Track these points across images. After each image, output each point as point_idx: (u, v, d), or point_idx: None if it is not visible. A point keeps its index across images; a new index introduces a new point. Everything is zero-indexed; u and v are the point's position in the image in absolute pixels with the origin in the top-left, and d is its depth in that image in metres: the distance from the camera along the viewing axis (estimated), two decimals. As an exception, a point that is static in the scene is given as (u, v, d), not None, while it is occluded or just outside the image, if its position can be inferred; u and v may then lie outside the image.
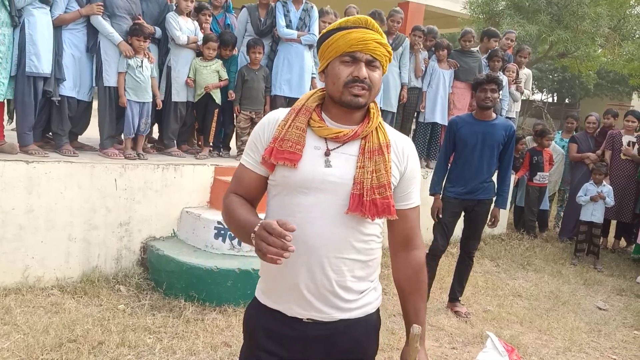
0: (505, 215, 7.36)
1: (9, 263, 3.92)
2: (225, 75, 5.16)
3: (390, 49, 1.56)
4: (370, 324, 1.65)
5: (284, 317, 1.57)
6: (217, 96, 5.17)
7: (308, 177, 1.50)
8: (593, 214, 6.39)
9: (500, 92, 6.48)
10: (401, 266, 1.68)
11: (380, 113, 1.63)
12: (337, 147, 1.53)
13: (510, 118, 6.93)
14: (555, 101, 31.65)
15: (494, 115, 4.29)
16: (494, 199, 4.35)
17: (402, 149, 1.61)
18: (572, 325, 4.47)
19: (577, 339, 4.22)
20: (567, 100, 30.07)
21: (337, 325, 1.56)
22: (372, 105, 1.59)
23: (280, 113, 1.61)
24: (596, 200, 6.32)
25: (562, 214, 7.86)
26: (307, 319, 1.56)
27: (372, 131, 1.56)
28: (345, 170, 1.52)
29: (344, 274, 1.54)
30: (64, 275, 4.13)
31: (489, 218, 4.40)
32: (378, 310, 1.70)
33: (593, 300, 5.21)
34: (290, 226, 1.32)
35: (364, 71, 1.48)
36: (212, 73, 5.07)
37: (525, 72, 7.29)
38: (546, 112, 17.59)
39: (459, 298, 4.52)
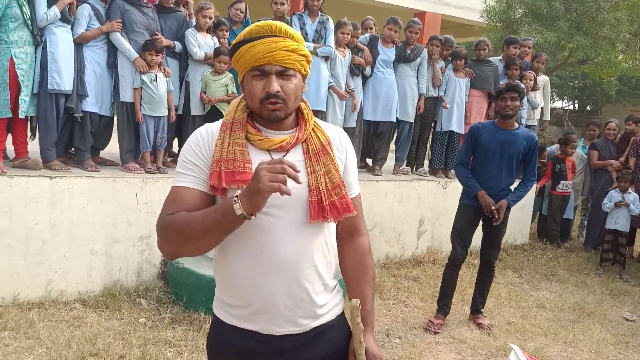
0: (527, 225, 7.26)
1: (33, 277, 3.98)
2: (233, 90, 5.17)
3: (305, 51, 1.47)
4: (342, 324, 1.64)
5: (258, 335, 1.51)
6: (224, 110, 5.21)
7: None
8: (617, 222, 6.26)
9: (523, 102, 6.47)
10: (348, 254, 1.67)
11: (311, 112, 1.59)
12: (283, 156, 1.47)
13: (529, 126, 6.87)
14: (576, 108, 31.25)
15: (516, 124, 4.25)
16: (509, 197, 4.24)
17: (340, 142, 1.60)
18: (599, 337, 4.36)
19: (604, 351, 4.12)
20: (588, 108, 29.69)
21: (311, 333, 1.54)
22: (302, 105, 1.55)
23: (210, 129, 1.52)
24: (620, 206, 6.20)
25: (585, 222, 7.71)
26: (283, 334, 1.52)
27: (310, 132, 1.53)
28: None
29: (316, 280, 1.52)
30: (86, 289, 4.18)
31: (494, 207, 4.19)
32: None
33: (620, 311, 5.08)
34: (298, 169, 1.27)
35: (274, 86, 1.41)
36: (221, 87, 5.08)
37: (543, 79, 7.22)
38: (567, 120, 17.37)
39: (481, 310, 4.45)
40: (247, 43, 1.43)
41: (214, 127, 1.52)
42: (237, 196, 1.30)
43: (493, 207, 4.08)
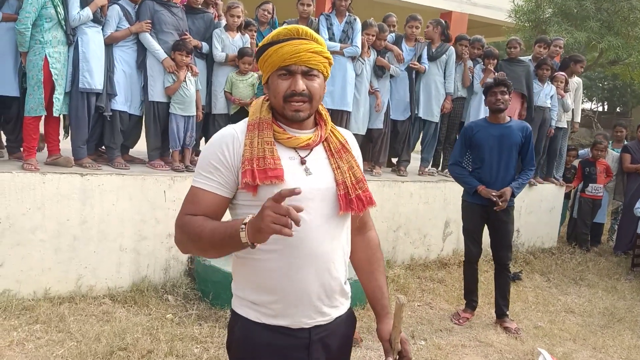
0: (555, 228, 7.13)
1: (63, 273, 4.07)
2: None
3: (328, 54, 1.54)
4: (352, 317, 1.73)
5: (289, 330, 1.56)
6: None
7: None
8: (649, 226, 6.12)
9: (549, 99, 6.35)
10: (360, 248, 1.76)
11: (328, 113, 1.68)
12: (308, 154, 1.57)
13: (560, 128, 6.75)
14: (606, 110, 30.60)
15: (507, 118, 4.30)
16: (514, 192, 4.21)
17: (352, 142, 1.70)
18: (630, 344, 4.26)
19: (636, 358, 4.02)
20: (618, 109, 29.04)
21: (333, 324, 1.62)
22: (320, 107, 1.63)
23: (234, 131, 1.56)
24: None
25: (615, 227, 7.54)
26: (312, 325, 1.58)
27: (329, 132, 1.63)
28: (325, 174, 1.57)
29: (343, 270, 1.63)
30: (114, 285, 4.25)
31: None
32: None
33: (652, 318, 4.96)
34: (297, 190, 1.28)
35: (300, 84, 1.49)
36: (248, 87, 5.11)
37: (576, 81, 7.07)
38: (596, 122, 17.01)
39: (507, 313, 4.39)
40: (275, 45, 1.50)
41: (238, 128, 1.57)
42: (245, 224, 1.34)
43: (494, 194, 4.09)
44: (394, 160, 6.43)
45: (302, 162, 1.55)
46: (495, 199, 4.10)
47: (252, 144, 1.50)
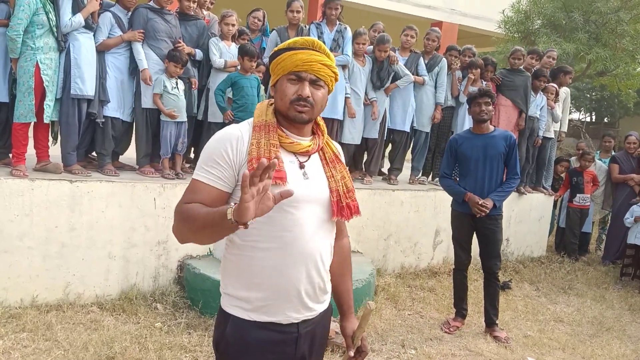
0: (544, 238, 7.18)
1: (51, 280, 4.02)
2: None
3: (336, 70, 1.68)
4: (331, 311, 1.84)
5: (279, 326, 1.65)
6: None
7: (297, 192, 1.52)
8: (637, 236, 6.17)
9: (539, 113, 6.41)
10: (336, 252, 1.83)
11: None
12: (306, 160, 1.68)
13: (549, 138, 6.81)
14: (593, 120, 30.95)
15: (491, 127, 4.34)
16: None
17: (342, 155, 1.83)
18: (618, 353, 4.29)
19: (624, 368, 4.05)
20: (605, 120, 29.38)
21: (317, 318, 1.74)
22: (318, 118, 1.75)
23: (239, 131, 1.63)
24: (639, 220, 6.12)
25: (603, 236, 7.61)
26: (301, 320, 1.68)
27: (325, 142, 1.75)
28: (320, 181, 1.69)
29: (326, 269, 1.73)
30: (103, 293, 4.21)
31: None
32: None
33: (639, 327, 4.99)
34: (292, 192, 1.37)
35: (307, 90, 1.60)
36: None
37: (564, 91, 7.15)
38: (584, 132, 17.20)
39: (496, 322, 4.40)
40: (291, 51, 1.62)
41: (243, 128, 1.65)
42: (236, 203, 1.37)
43: (479, 202, 4.13)
44: (384, 169, 6.45)
45: (301, 166, 1.66)
46: (477, 208, 4.12)
47: (259, 144, 1.59)
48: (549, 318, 4.96)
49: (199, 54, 5.04)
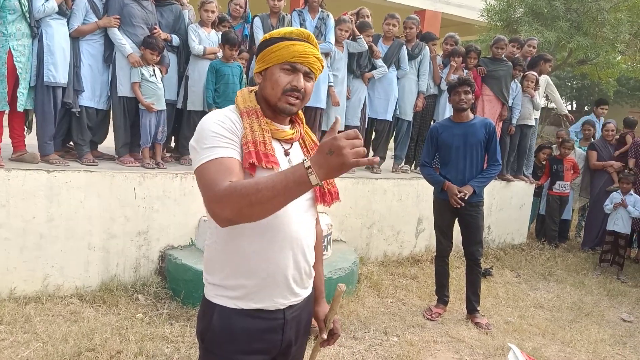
0: (525, 225, 7.26)
1: (30, 271, 3.96)
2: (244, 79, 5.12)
3: (323, 62, 1.69)
4: (312, 297, 1.85)
5: (266, 313, 1.66)
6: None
7: None
8: (616, 223, 6.27)
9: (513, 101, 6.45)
10: None
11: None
12: (290, 148, 1.70)
13: (530, 126, 6.85)
14: (574, 109, 31.28)
15: (471, 115, 4.36)
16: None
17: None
18: (596, 338, 4.36)
19: (602, 352, 4.12)
20: (586, 108, 29.69)
21: (302, 303, 1.75)
22: None
23: (231, 113, 1.62)
24: (618, 207, 6.22)
25: (582, 223, 7.71)
26: (287, 305, 1.69)
27: (305, 131, 1.78)
28: None
29: (311, 254, 1.74)
30: (83, 284, 4.16)
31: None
32: None
33: (617, 312, 5.09)
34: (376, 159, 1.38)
35: (302, 82, 1.62)
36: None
37: (543, 78, 7.19)
38: (565, 120, 17.37)
39: (477, 308, 4.45)
40: (287, 41, 1.61)
41: (228, 112, 1.63)
42: (309, 167, 1.31)
43: (457, 192, 4.16)
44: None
45: (286, 153, 1.67)
46: (454, 199, 4.15)
47: (252, 128, 1.59)
48: (530, 304, 5.02)
49: (175, 40, 4.96)
